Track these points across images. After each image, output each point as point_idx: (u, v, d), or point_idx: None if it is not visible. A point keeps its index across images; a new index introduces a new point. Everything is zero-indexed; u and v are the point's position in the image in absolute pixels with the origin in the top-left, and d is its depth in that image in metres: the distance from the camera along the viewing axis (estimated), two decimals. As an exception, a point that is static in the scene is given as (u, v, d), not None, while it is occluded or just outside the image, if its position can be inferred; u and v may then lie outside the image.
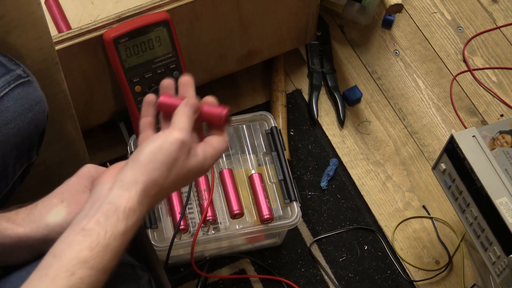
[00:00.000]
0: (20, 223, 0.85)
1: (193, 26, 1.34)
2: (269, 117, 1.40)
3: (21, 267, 0.87)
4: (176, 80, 1.26)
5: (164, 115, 0.89)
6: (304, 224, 1.45)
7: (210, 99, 0.89)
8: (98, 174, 0.90)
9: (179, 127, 0.83)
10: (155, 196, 0.81)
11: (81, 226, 0.77)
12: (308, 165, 1.52)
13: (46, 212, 0.86)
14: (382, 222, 1.47)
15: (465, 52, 1.68)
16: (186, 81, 0.90)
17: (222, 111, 0.88)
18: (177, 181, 0.83)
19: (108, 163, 0.93)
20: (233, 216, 1.31)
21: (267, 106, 1.57)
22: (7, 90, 0.94)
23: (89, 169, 0.90)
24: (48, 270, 0.75)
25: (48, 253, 0.76)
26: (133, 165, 0.80)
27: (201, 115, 0.87)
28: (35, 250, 0.86)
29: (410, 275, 1.42)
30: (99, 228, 0.76)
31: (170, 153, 0.81)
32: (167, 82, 0.90)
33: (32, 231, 0.85)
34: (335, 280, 1.40)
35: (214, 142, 0.87)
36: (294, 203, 1.31)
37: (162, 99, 0.88)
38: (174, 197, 1.30)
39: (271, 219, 1.30)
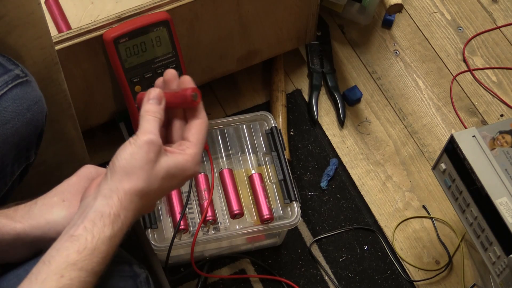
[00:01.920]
0: (19, 220, 0.85)
1: (193, 26, 1.34)
2: (269, 117, 1.40)
3: (19, 265, 0.87)
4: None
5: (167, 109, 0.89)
6: (304, 224, 1.45)
7: (170, 73, 0.89)
8: (97, 174, 0.90)
9: (144, 129, 0.83)
10: (141, 201, 0.82)
11: (69, 234, 0.79)
12: (308, 165, 1.52)
13: (47, 210, 0.86)
14: (382, 222, 1.47)
15: (465, 52, 1.68)
16: (170, 75, 0.89)
17: (186, 91, 0.86)
18: (161, 183, 0.83)
19: (107, 164, 0.93)
20: (233, 216, 1.31)
21: (267, 106, 1.57)
22: (5, 90, 0.94)
23: (89, 170, 0.90)
24: (38, 275, 0.77)
25: (39, 261, 0.78)
26: (111, 174, 0.82)
27: (169, 103, 0.86)
28: (33, 247, 0.86)
29: (410, 275, 1.42)
30: (86, 233, 0.78)
31: (141, 157, 0.81)
32: (171, 73, 0.89)
33: (31, 228, 0.85)
34: (335, 280, 1.40)
35: (190, 135, 0.86)
36: (294, 203, 1.31)
37: (139, 95, 0.89)
38: (174, 197, 1.31)
39: (271, 219, 1.30)
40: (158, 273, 1.30)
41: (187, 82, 0.89)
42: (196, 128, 0.86)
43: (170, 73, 0.89)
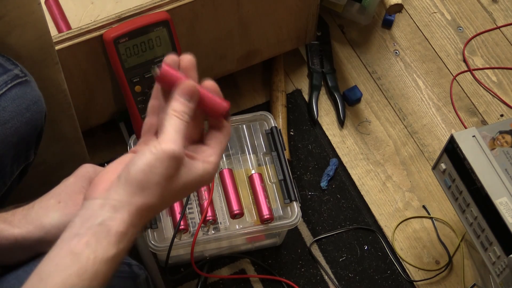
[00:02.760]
0: (17, 224, 0.84)
1: (193, 26, 1.34)
2: (269, 117, 1.40)
3: (18, 267, 0.86)
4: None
5: (164, 92, 0.79)
6: (304, 224, 1.45)
7: (211, 84, 0.80)
8: (96, 174, 0.89)
9: (167, 137, 0.74)
10: (149, 215, 0.77)
11: (70, 248, 0.73)
12: (308, 165, 1.52)
13: (43, 213, 0.85)
14: (382, 222, 1.47)
15: (465, 52, 1.68)
16: (189, 62, 0.79)
17: (226, 103, 0.79)
18: (173, 197, 0.78)
19: (106, 164, 0.92)
20: (233, 216, 1.31)
21: (267, 106, 1.57)
22: (4, 90, 0.93)
23: (87, 169, 0.89)
24: None
25: (34, 273, 0.73)
26: (125, 184, 0.74)
27: (201, 104, 0.78)
28: (31, 251, 0.86)
29: (410, 275, 1.42)
30: (89, 251, 0.72)
31: (161, 172, 0.74)
32: (171, 59, 0.78)
33: (28, 232, 0.84)
34: (335, 280, 1.40)
35: (213, 142, 0.80)
36: (294, 203, 1.31)
37: (164, 70, 0.76)
38: (174, 197, 1.30)
39: (271, 219, 1.30)
40: (154, 276, 1.30)
41: (214, 89, 0.81)
42: (220, 139, 0.80)
43: (188, 60, 0.79)
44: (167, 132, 0.75)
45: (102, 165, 0.92)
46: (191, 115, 0.77)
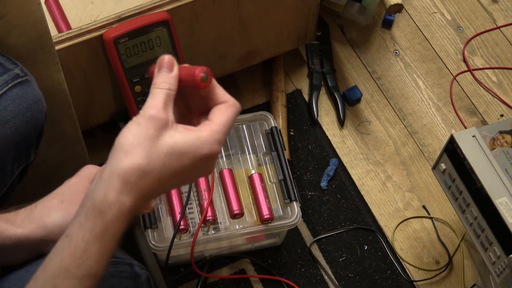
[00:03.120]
0: (19, 224, 0.85)
1: (193, 26, 1.34)
2: (269, 117, 1.40)
3: (20, 266, 0.87)
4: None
5: None
6: (304, 224, 1.45)
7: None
8: None
9: (146, 105, 0.74)
10: (140, 182, 0.72)
11: (66, 232, 0.73)
12: (308, 165, 1.52)
13: (45, 213, 0.86)
14: (382, 222, 1.47)
15: (465, 52, 1.68)
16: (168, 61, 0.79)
17: (196, 69, 0.77)
18: (164, 161, 0.73)
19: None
20: (233, 216, 1.31)
21: (267, 106, 1.57)
22: (4, 89, 0.94)
23: (89, 170, 0.90)
24: (36, 282, 0.73)
25: (42, 264, 0.74)
26: (111, 155, 0.74)
27: (181, 77, 0.78)
28: (34, 250, 0.86)
29: (410, 275, 1.42)
30: (80, 231, 0.72)
31: (141, 134, 0.73)
32: (168, 58, 0.79)
33: (31, 232, 0.85)
34: (335, 280, 1.40)
35: (213, 116, 0.77)
36: (294, 203, 1.31)
37: (152, 68, 0.79)
38: (174, 197, 1.31)
39: (271, 219, 1.30)
40: (155, 275, 1.30)
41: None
42: (221, 109, 0.77)
43: (168, 60, 0.78)
44: (147, 102, 0.75)
45: (102, 165, 0.92)
46: (173, 85, 0.76)
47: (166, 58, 0.77)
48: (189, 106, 0.82)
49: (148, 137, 0.73)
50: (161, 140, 0.73)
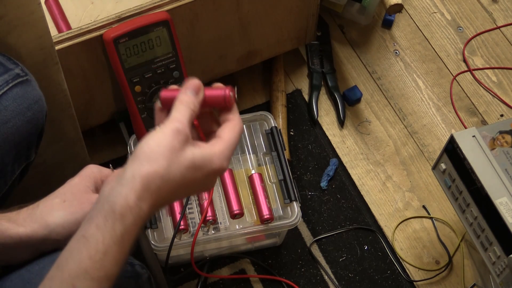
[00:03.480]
0: (21, 223, 0.85)
1: (193, 26, 1.34)
2: (269, 117, 1.40)
3: (22, 266, 0.87)
4: (176, 80, 1.26)
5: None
6: (304, 224, 1.45)
7: (215, 84, 0.85)
8: (100, 174, 0.90)
9: (172, 117, 0.78)
10: (159, 191, 0.75)
11: (82, 233, 0.74)
12: (308, 165, 1.52)
13: (48, 212, 0.86)
14: (382, 222, 1.47)
15: (465, 52, 1.68)
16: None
17: (226, 90, 0.83)
18: (184, 174, 0.77)
19: (110, 164, 0.93)
20: (233, 216, 1.31)
21: (267, 106, 1.57)
22: (5, 89, 0.94)
23: (91, 170, 0.90)
24: (52, 282, 0.74)
25: (55, 263, 0.75)
26: (132, 160, 0.76)
27: (206, 99, 0.82)
28: (36, 250, 0.86)
29: (410, 275, 1.42)
30: (98, 233, 0.73)
31: (166, 144, 0.76)
32: (197, 83, 0.83)
33: (33, 231, 0.85)
34: (335, 280, 1.40)
35: (222, 133, 0.81)
36: (294, 203, 1.31)
37: (164, 93, 0.83)
38: (174, 197, 1.30)
39: (271, 219, 1.30)
40: (157, 274, 1.30)
41: (221, 86, 0.85)
42: (229, 127, 0.81)
43: (197, 84, 0.83)
44: (172, 115, 0.78)
45: (102, 165, 0.93)
46: (197, 107, 0.80)
47: (196, 82, 0.82)
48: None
49: (172, 148, 0.76)
50: (183, 153, 0.77)
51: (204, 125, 0.84)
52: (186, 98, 0.80)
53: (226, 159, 0.79)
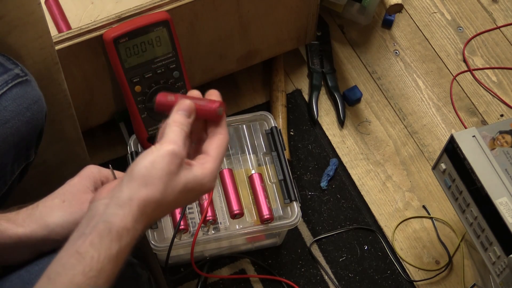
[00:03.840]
0: (21, 223, 0.85)
1: (193, 26, 1.34)
2: (269, 117, 1.40)
3: (21, 266, 0.87)
4: (176, 80, 1.26)
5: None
6: (304, 224, 1.45)
7: (196, 93, 0.86)
8: (100, 175, 0.90)
9: (168, 139, 0.79)
10: (153, 213, 0.78)
11: (75, 248, 0.75)
12: (308, 165, 1.52)
13: (47, 213, 0.86)
14: (382, 222, 1.47)
15: (465, 52, 1.68)
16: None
17: (214, 104, 0.84)
18: (176, 197, 0.79)
19: (110, 165, 0.93)
20: (233, 216, 1.31)
21: (267, 106, 1.57)
22: (5, 89, 0.94)
23: (91, 170, 0.90)
24: None
25: (44, 274, 0.75)
26: (128, 180, 0.77)
27: (197, 114, 0.85)
28: (35, 250, 0.86)
29: (410, 275, 1.42)
30: (93, 250, 0.74)
31: (163, 167, 0.77)
32: (190, 105, 0.84)
33: (32, 231, 0.85)
34: (335, 280, 1.40)
35: (210, 149, 0.83)
36: (294, 203, 1.31)
37: (159, 98, 0.86)
38: (174, 197, 1.30)
39: (271, 219, 1.30)
40: (156, 274, 1.30)
41: (214, 95, 0.86)
42: (217, 143, 0.83)
43: (190, 107, 0.85)
44: (167, 135, 0.80)
45: (102, 165, 0.93)
46: (189, 128, 0.82)
47: (188, 104, 0.83)
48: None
49: (169, 172, 0.78)
50: (178, 177, 0.79)
51: (194, 131, 0.85)
52: (180, 119, 0.82)
53: (215, 178, 0.82)
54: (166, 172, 0.78)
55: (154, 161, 0.78)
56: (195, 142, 0.86)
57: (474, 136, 1.21)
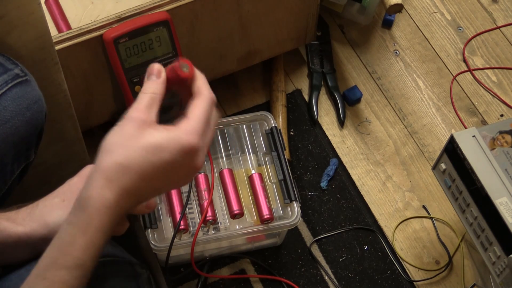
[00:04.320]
0: (21, 222, 0.85)
1: (193, 26, 1.34)
2: (269, 117, 1.40)
3: (21, 266, 0.87)
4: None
5: None
6: (304, 224, 1.45)
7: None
8: None
9: (131, 108, 0.79)
10: (122, 177, 0.75)
11: (57, 234, 0.77)
12: (308, 165, 1.52)
13: (47, 212, 0.86)
14: (382, 222, 1.47)
15: (465, 52, 1.68)
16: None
17: (175, 62, 0.81)
18: (146, 155, 0.76)
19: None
20: (233, 216, 1.31)
21: (267, 106, 1.57)
22: (4, 89, 0.94)
23: (90, 170, 0.90)
24: (29, 278, 0.76)
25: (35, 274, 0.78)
26: (96, 157, 0.78)
27: (169, 80, 0.82)
28: (35, 249, 0.86)
29: (410, 275, 1.42)
30: (67, 226, 0.76)
31: (121, 133, 0.77)
32: (157, 66, 0.83)
33: (32, 230, 0.85)
34: (335, 280, 1.40)
35: (188, 112, 0.79)
36: (294, 203, 1.31)
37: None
38: (174, 197, 1.31)
39: (271, 219, 1.30)
40: (156, 274, 1.30)
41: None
42: (194, 105, 0.80)
43: (157, 68, 0.83)
44: (131, 107, 0.79)
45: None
46: (158, 89, 0.80)
47: (156, 66, 0.81)
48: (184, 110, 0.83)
49: (127, 135, 0.76)
50: (140, 138, 0.76)
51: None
52: (145, 85, 0.81)
53: (196, 134, 0.77)
54: (124, 136, 0.76)
55: (114, 131, 0.77)
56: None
57: (474, 136, 1.21)
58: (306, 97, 1.60)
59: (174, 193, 1.31)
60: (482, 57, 1.67)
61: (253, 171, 1.36)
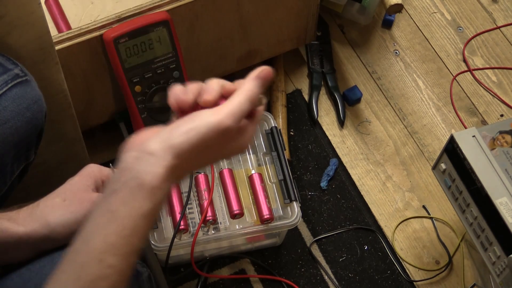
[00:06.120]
0: (21, 222, 0.85)
1: (193, 26, 1.34)
2: (269, 117, 1.40)
3: (22, 265, 0.87)
4: (176, 80, 1.26)
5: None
6: (304, 224, 1.45)
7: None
8: (100, 174, 0.90)
9: (227, 110, 0.76)
10: (182, 175, 0.76)
11: (107, 206, 0.72)
12: (308, 165, 1.52)
13: (48, 212, 0.86)
14: (382, 222, 1.47)
15: (465, 52, 1.68)
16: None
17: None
18: (206, 160, 0.77)
19: (111, 164, 0.93)
20: (233, 216, 1.31)
21: (267, 106, 1.57)
22: (4, 89, 0.94)
23: (92, 169, 0.90)
24: (77, 255, 0.72)
25: (77, 235, 0.73)
26: (165, 141, 0.73)
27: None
28: (36, 249, 0.86)
29: (410, 275, 1.42)
30: (125, 208, 0.72)
31: (203, 137, 0.74)
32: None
33: (33, 230, 0.85)
34: (335, 280, 1.40)
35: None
36: (294, 203, 1.31)
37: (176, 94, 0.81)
38: (174, 197, 1.31)
39: (271, 219, 1.30)
40: (156, 273, 1.30)
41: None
42: (236, 93, 0.81)
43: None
44: (229, 102, 0.78)
45: (102, 165, 0.93)
46: (256, 97, 0.80)
47: (266, 69, 0.83)
48: None
49: (210, 147, 0.75)
50: (218, 150, 0.77)
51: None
52: (249, 91, 0.81)
53: (232, 115, 0.76)
54: (205, 143, 0.74)
55: (195, 128, 0.74)
56: None
57: (474, 136, 1.21)
58: (306, 97, 1.60)
59: (174, 193, 1.31)
60: (482, 57, 1.67)
61: (253, 171, 1.36)
